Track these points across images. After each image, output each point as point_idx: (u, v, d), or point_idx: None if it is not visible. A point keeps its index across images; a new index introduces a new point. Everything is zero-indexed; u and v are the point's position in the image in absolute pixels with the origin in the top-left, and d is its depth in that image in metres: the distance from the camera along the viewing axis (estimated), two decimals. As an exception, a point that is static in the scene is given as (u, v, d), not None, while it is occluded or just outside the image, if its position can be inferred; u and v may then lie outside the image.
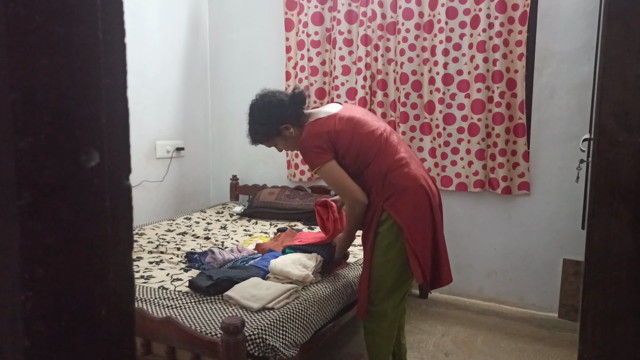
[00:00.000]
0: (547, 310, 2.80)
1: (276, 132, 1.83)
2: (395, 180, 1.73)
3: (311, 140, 1.75)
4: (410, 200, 1.71)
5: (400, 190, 1.72)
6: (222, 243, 2.58)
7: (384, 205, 1.74)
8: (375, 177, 1.75)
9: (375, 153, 1.75)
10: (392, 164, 1.74)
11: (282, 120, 1.80)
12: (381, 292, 1.78)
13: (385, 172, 1.74)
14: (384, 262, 1.75)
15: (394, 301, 1.80)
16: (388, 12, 2.99)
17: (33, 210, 0.29)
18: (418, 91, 2.98)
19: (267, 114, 1.80)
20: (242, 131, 3.70)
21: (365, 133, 1.76)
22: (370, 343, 1.87)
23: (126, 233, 0.35)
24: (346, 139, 1.75)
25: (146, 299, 1.75)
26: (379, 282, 1.77)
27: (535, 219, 2.80)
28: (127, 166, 0.35)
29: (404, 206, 1.71)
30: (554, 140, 2.70)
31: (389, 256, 1.75)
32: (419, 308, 2.87)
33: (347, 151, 1.75)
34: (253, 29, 3.59)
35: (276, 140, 1.87)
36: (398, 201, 1.72)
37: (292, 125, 1.83)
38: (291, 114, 1.82)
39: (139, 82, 3.12)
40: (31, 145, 0.29)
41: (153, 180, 3.29)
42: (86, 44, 0.32)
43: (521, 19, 2.64)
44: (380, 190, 1.75)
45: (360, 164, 1.77)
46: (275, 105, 1.80)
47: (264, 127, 1.82)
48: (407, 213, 1.70)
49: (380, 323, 1.82)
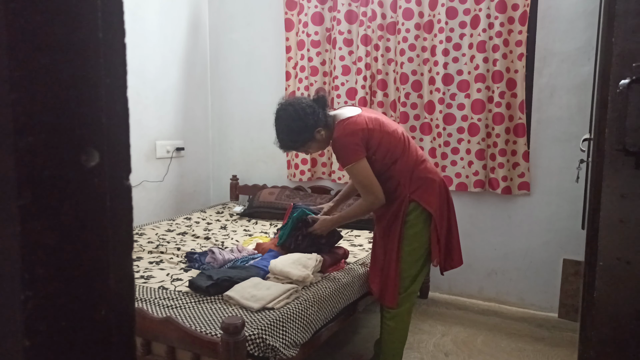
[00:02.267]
0: (547, 310, 2.80)
1: (311, 137, 1.90)
2: (422, 174, 1.91)
3: (348, 137, 1.83)
4: (436, 192, 1.90)
5: (428, 183, 1.90)
6: (222, 243, 2.58)
7: (412, 195, 1.89)
8: (403, 171, 1.90)
9: (402, 150, 1.91)
10: (416, 159, 1.93)
11: (316, 125, 1.88)
12: (408, 279, 1.93)
13: (412, 167, 1.91)
14: (411, 250, 1.91)
15: (417, 284, 1.96)
16: (388, 12, 2.99)
17: (33, 210, 0.29)
18: (418, 91, 2.98)
19: (303, 122, 1.86)
20: (242, 131, 3.74)
21: (391, 132, 1.91)
22: (393, 329, 1.99)
23: (126, 233, 0.35)
24: (377, 136, 1.87)
25: (146, 299, 1.75)
26: (406, 270, 1.92)
27: (535, 219, 2.80)
28: (127, 166, 0.35)
29: (432, 197, 1.89)
30: (554, 140, 2.70)
31: (415, 244, 1.90)
32: (419, 308, 2.87)
33: (378, 148, 1.88)
34: (253, 29, 3.59)
35: (310, 144, 1.94)
36: (426, 192, 1.89)
37: (322, 128, 1.91)
38: (321, 117, 1.90)
39: (139, 82, 3.12)
40: (31, 145, 0.29)
41: (153, 180, 3.29)
42: (86, 44, 0.32)
43: (521, 19, 2.64)
44: (408, 183, 1.90)
45: (389, 159, 1.90)
46: (308, 113, 1.87)
47: (302, 135, 1.89)
48: (435, 203, 1.89)
49: (405, 307, 1.97)
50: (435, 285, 3.10)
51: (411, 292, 1.95)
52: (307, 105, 1.89)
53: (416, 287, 1.97)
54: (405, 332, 2.02)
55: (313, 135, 1.89)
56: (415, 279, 1.95)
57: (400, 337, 2.01)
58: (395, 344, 2.01)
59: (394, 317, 1.98)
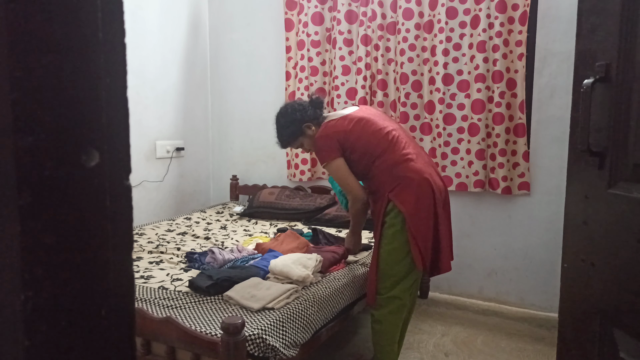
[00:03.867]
0: (547, 310, 2.80)
1: (300, 132, 2.05)
2: (401, 173, 1.87)
3: (322, 139, 1.96)
4: (414, 192, 1.84)
5: (405, 182, 1.85)
6: (222, 243, 2.58)
7: (390, 195, 1.87)
8: (383, 170, 1.90)
9: (383, 149, 1.90)
10: (398, 158, 1.89)
11: (304, 120, 2.03)
12: (388, 280, 1.89)
13: (392, 166, 1.88)
14: (390, 250, 1.87)
15: (400, 289, 1.90)
16: (388, 12, 2.99)
17: (33, 210, 0.29)
18: (418, 91, 2.98)
19: (291, 117, 2.04)
20: (242, 131, 3.74)
21: (373, 131, 1.92)
22: (377, 331, 1.97)
23: (126, 233, 0.35)
24: (354, 137, 1.92)
25: (146, 299, 1.75)
26: (386, 270, 1.89)
27: (535, 219, 2.80)
28: (127, 166, 0.35)
29: (408, 196, 1.84)
30: (554, 140, 2.70)
31: (394, 244, 1.87)
32: (419, 308, 2.87)
33: (355, 148, 1.93)
34: (253, 29, 3.59)
35: (302, 140, 2.08)
36: (403, 192, 1.85)
37: (313, 124, 2.05)
38: (311, 114, 2.05)
39: (139, 82, 3.12)
40: (31, 145, 0.29)
41: (153, 180, 3.29)
42: (86, 44, 0.32)
43: (521, 19, 2.64)
44: (388, 182, 1.89)
45: (368, 159, 1.92)
46: (297, 109, 2.05)
47: (289, 129, 2.05)
48: (411, 203, 1.83)
49: (387, 311, 1.92)
50: (435, 285, 3.10)
51: (393, 296, 1.89)
52: (298, 103, 2.09)
53: (399, 293, 1.90)
54: (392, 335, 1.97)
55: (302, 130, 2.04)
56: (399, 283, 1.89)
57: (386, 340, 1.97)
58: (383, 346, 1.98)
59: (377, 321, 1.96)
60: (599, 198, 0.95)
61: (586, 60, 0.97)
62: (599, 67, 0.93)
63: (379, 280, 1.90)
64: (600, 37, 0.94)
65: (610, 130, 0.91)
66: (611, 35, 0.91)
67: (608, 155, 0.92)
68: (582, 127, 0.94)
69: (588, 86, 0.92)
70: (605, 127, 0.92)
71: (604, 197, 0.93)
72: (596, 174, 0.95)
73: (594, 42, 0.95)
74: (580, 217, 1.02)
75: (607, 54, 0.92)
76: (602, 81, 0.92)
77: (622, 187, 0.89)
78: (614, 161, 0.91)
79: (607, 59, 0.91)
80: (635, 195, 0.85)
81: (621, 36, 0.88)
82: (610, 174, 0.92)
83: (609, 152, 0.92)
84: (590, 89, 0.92)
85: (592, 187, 0.97)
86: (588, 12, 0.98)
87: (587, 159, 0.97)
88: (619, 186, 0.90)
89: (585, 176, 0.99)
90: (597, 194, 0.95)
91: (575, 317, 1.05)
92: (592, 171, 0.96)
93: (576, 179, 1.03)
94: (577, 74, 1.00)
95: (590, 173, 0.97)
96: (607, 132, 0.92)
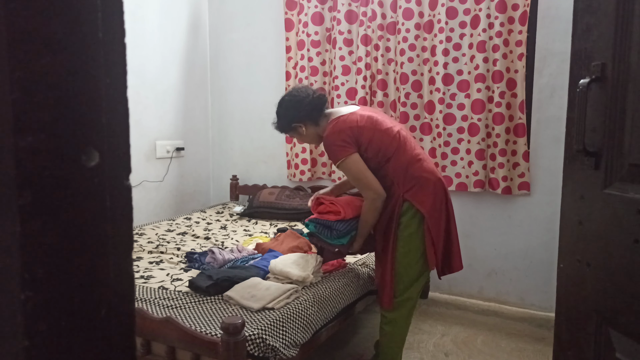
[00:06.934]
0: (547, 310, 2.80)
1: (289, 128, 1.97)
2: (416, 173, 1.85)
3: (335, 135, 1.84)
4: (431, 192, 1.84)
5: (422, 182, 1.84)
6: (222, 243, 2.58)
7: (406, 195, 1.84)
8: (396, 170, 1.86)
9: (395, 148, 1.86)
10: (411, 158, 1.87)
11: (293, 119, 1.94)
12: (404, 282, 1.88)
13: (407, 166, 1.85)
14: (406, 251, 1.86)
15: (414, 290, 1.90)
16: (388, 12, 2.99)
17: (33, 210, 0.29)
18: (418, 91, 2.98)
19: (283, 111, 1.96)
20: (242, 131, 3.74)
21: (384, 129, 1.87)
22: (388, 332, 1.96)
23: (126, 233, 0.35)
24: (368, 134, 1.84)
25: (146, 299, 1.75)
26: (402, 273, 1.87)
27: (535, 219, 2.80)
28: (127, 166, 0.35)
29: (426, 197, 1.83)
30: (554, 140, 2.70)
31: (411, 246, 1.85)
32: (419, 308, 2.87)
33: (369, 145, 1.85)
34: (253, 29, 3.59)
35: (291, 134, 2.03)
36: (420, 192, 1.84)
37: (306, 124, 1.95)
38: (304, 115, 1.93)
39: (139, 82, 3.12)
40: (31, 145, 0.29)
41: (153, 180, 3.29)
42: (86, 44, 0.32)
43: (521, 19, 2.64)
44: (402, 182, 1.85)
45: (382, 157, 1.87)
46: (291, 106, 1.94)
47: (279, 122, 1.99)
48: (429, 203, 1.83)
49: (401, 313, 1.92)
50: (435, 285, 3.10)
51: (407, 297, 1.90)
52: (296, 100, 1.95)
53: (413, 294, 1.91)
54: (403, 336, 1.99)
55: (292, 127, 1.96)
56: (413, 284, 1.89)
57: (397, 341, 1.98)
58: (392, 348, 1.98)
59: (390, 322, 1.95)
60: (595, 198, 0.94)
61: (582, 60, 0.97)
62: (594, 67, 0.92)
63: (397, 281, 1.88)
64: (596, 37, 0.93)
65: (606, 130, 0.91)
66: (606, 35, 0.90)
67: (604, 155, 0.91)
68: (577, 127, 0.93)
69: (584, 86, 0.92)
70: (600, 127, 0.92)
71: (600, 197, 0.92)
72: (592, 174, 0.94)
73: (589, 42, 0.95)
74: (575, 217, 1.01)
75: (602, 53, 0.91)
76: (598, 81, 0.91)
77: (617, 187, 0.88)
78: (609, 161, 0.90)
79: (603, 58, 0.91)
80: (631, 195, 0.84)
81: (616, 36, 0.88)
82: (606, 174, 0.91)
83: (604, 152, 0.91)
84: (586, 88, 0.92)
85: (587, 187, 0.96)
86: (583, 12, 0.97)
87: (582, 159, 0.96)
88: (614, 186, 0.89)
89: (580, 176, 0.98)
90: (593, 194, 0.95)
91: (571, 318, 1.04)
92: (588, 171, 0.95)
93: (572, 179, 1.03)
94: (573, 74, 0.99)
95: (586, 173, 0.96)
96: (603, 132, 0.91)
